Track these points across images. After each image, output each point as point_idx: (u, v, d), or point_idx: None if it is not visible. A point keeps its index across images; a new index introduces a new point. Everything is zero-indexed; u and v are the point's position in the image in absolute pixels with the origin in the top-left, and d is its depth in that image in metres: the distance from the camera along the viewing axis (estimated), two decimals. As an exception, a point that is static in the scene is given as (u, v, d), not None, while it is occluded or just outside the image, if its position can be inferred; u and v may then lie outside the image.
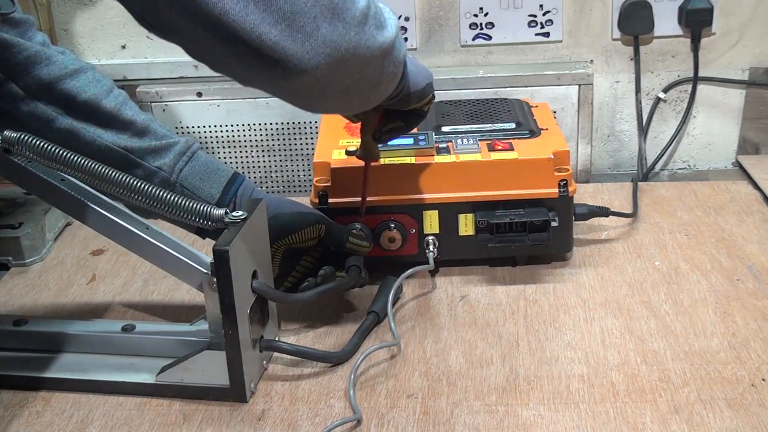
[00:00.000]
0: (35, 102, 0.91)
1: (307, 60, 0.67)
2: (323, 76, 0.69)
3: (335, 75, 0.70)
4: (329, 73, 0.69)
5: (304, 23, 0.65)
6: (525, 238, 1.05)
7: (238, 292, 0.84)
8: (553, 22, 1.35)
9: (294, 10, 0.65)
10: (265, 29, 0.64)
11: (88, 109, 0.92)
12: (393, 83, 0.82)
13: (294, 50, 0.66)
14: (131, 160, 0.93)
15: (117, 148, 0.92)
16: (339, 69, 0.70)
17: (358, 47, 0.70)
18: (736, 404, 0.84)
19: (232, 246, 0.82)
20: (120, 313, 1.05)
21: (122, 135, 0.93)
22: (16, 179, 0.90)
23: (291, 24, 0.65)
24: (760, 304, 1.00)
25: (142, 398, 0.89)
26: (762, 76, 1.36)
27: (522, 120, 1.14)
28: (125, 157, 0.93)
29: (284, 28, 0.65)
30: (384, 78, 0.79)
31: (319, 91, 0.72)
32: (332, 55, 0.68)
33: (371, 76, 0.76)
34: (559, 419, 0.83)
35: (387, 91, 0.83)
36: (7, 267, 1.17)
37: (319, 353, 0.93)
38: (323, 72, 0.69)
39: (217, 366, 0.87)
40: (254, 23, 0.64)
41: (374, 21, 0.73)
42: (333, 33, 0.67)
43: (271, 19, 0.64)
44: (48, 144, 0.83)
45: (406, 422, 0.84)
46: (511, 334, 0.97)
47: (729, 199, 1.25)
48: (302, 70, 0.67)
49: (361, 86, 0.76)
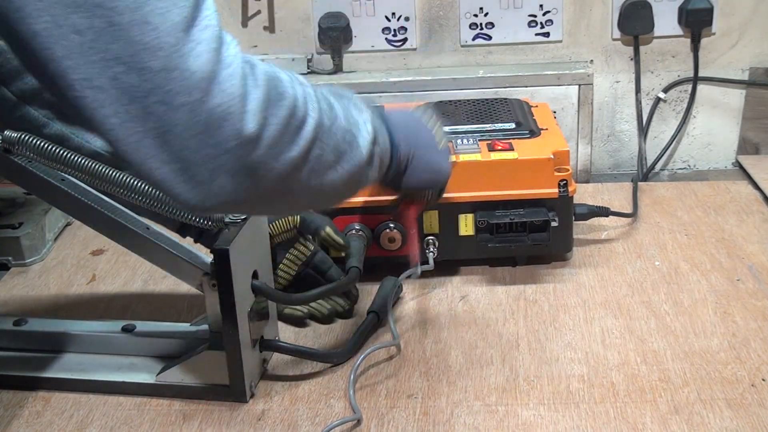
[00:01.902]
0: (26, 107, 0.91)
1: (195, 202, 0.61)
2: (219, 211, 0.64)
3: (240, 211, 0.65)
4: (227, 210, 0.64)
5: (198, 172, 0.59)
6: (525, 238, 1.05)
7: (239, 291, 0.84)
8: (553, 22, 1.35)
9: (191, 159, 0.59)
10: (155, 165, 0.59)
11: None
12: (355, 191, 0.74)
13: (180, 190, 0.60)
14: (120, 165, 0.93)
15: (105, 153, 0.92)
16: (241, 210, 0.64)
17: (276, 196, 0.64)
18: (736, 404, 0.84)
19: (232, 246, 0.82)
20: (120, 313, 1.05)
21: None
22: (16, 179, 0.90)
23: (184, 169, 0.59)
24: (760, 304, 1.00)
25: (142, 398, 0.89)
26: (762, 76, 1.36)
27: (522, 120, 1.14)
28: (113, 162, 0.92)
29: (176, 169, 0.59)
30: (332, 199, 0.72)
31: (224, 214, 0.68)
32: (228, 203, 0.61)
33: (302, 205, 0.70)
34: (559, 419, 0.83)
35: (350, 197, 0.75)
36: (7, 267, 1.17)
37: (319, 353, 0.93)
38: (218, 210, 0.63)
39: (217, 366, 0.87)
40: (144, 156, 0.58)
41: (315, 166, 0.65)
42: (235, 187, 0.60)
43: (164, 157, 0.58)
44: (48, 144, 0.84)
45: (406, 422, 0.84)
46: (511, 334, 0.97)
47: (729, 199, 1.25)
48: (189, 207, 0.62)
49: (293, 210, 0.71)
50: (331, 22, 1.36)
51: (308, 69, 1.39)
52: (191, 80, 0.56)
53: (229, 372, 0.87)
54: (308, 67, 1.39)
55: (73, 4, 0.53)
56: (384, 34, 1.37)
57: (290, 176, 0.63)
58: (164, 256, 0.89)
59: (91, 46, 0.54)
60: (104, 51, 0.55)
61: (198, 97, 0.57)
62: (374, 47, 1.38)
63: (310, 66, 1.39)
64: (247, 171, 0.60)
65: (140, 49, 0.55)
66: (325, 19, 1.36)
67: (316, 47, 1.39)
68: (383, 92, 1.35)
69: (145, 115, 0.57)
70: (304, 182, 0.65)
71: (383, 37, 1.38)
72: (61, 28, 0.54)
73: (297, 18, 1.38)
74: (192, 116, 0.57)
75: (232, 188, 0.61)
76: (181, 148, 0.58)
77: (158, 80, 0.56)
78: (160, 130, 0.57)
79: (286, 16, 1.38)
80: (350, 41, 1.38)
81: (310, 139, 0.64)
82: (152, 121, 0.57)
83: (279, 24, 1.38)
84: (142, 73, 0.55)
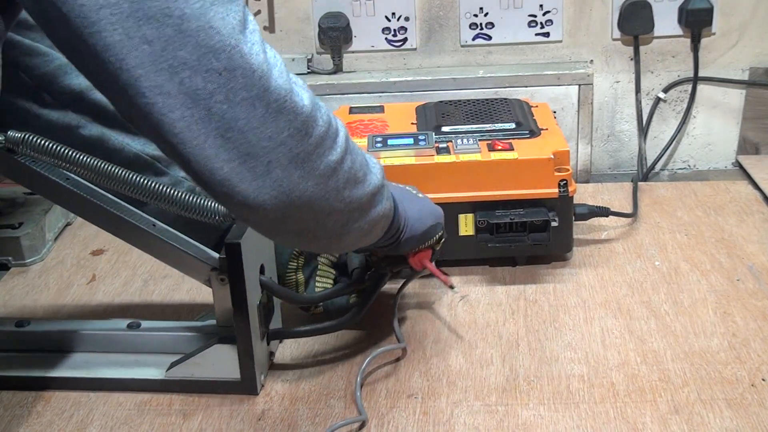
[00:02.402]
0: (65, 109, 0.92)
1: (253, 198, 0.65)
2: (270, 215, 0.67)
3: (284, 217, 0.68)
4: (277, 213, 0.67)
5: (256, 164, 0.64)
6: (525, 238, 1.05)
7: (249, 285, 0.85)
8: (553, 22, 1.35)
9: (251, 152, 0.63)
10: (218, 165, 0.63)
11: (117, 117, 0.93)
12: (369, 237, 0.79)
13: (241, 188, 0.64)
14: (158, 168, 0.95)
15: (145, 156, 0.94)
16: (289, 213, 0.68)
17: (315, 198, 0.68)
18: (736, 404, 0.84)
19: (243, 239, 0.82)
20: (120, 312, 1.05)
21: (149, 144, 0.95)
22: (20, 179, 0.91)
23: (244, 162, 0.63)
24: (760, 304, 1.00)
25: (142, 399, 0.89)
26: (762, 76, 1.36)
27: (522, 120, 1.14)
28: (152, 165, 0.94)
29: (236, 166, 0.63)
30: (351, 232, 0.76)
31: (269, 228, 0.71)
32: (280, 199, 0.66)
33: (333, 228, 0.73)
34: (559, 419, 0.83)
35: (359, 244, 0.80)
36: (7, 267, 1.17)
37: (330, 324, 0.93)
38: (269, 211, 0.67)
39: (227, 360, 0.87)
40: (208, 157, 0.63)
41: (347, 175, 0.70)
42: (285, 179, 0.65)
43: (226, 156, 0.63)
44: (51, 142, 0.84)
45: (406, 422, 0.84)
46: (511, 334, 0.97)
47: (729, 199, 1.25)
48: (247, 205, 0.66)
49: (320, 234, 0.73)
50: (331, 22, 1.36)
51: (308, 69, 1.39)
52: (251, 78, 0.61)
53: (240, 365, 0.87)
54: (308, 67, 1.39)
55: (144, 17, 0.57)
56: (384, 34, 1.37)
57: (329, 177, 0.68)
58: (171, 252, 0.89)
59: (160, 54, 0.58)
60: (172, 58, 0.58)
61: (256, 93, 0.62)
62: (374, 47, 1.38)
63: (310, 66, 1.39)
64: (296, 163, 0.65)
65: (205, 52, 0.59)
66: (325, 19, 1.36)
67: (316, 47, 1.39)
68: (383, 92, 1.35)
69: (209, 116, 0.61)
70: (339, 188, 0.70)
71: (383, 37, 1.38)
72: (133, 40, 0.57)
73: (297, 18, 1.38)
74: (251, 111, 0.62)
75: (283, 180, 0.65)
76: (242, 143, 0.63)
77: (222, 80, 0.60)
78: (222, 128, 0.62)
79: (286, 16, 1.38)
80: (350, 41, 1.38)
81: (343, 147, 0.70)
82: (215, 121, 0.61)
83: (279, 24, 1.38)
84: (206, 75, 0.60)
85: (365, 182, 0.74)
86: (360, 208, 0.74)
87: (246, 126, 0.62)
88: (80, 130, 0.92)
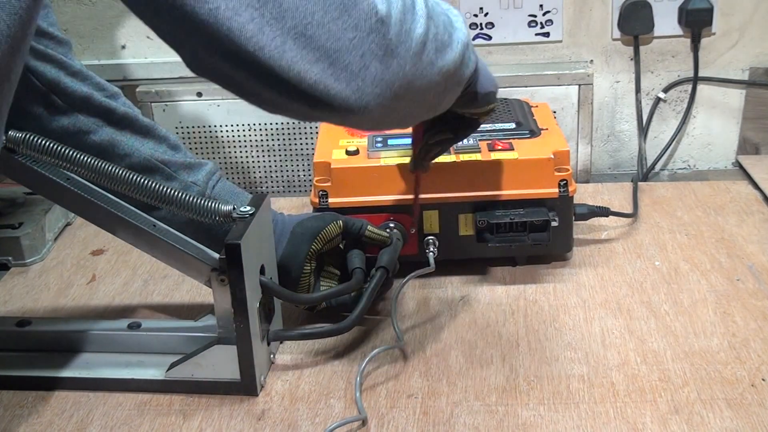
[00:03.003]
0: (76, 114, 0.91)
1: (354, 100, 0.61)
2: (374, 114, 0.63)
3: (388, 111, 0.64)
4: (381, 111, 0.63)
5: (350, 61, 0.59)
6: (525, 238, 1.05)
7: (249, 285, 0.85)
8: (553, 22, 1.35)
9: (338, 47, 0.59)
10: (305, 67, 0.58)
11: (126, 121, 0.93)
12: (455, 95, 0.75)
13: (338, 90, 0.60)
14: (167, 173, 0.94)
15: (155, 161, 0.93)
16: (392, 105, 0.64)
17: (414, 80, 0.64)
18: (736, 404, 0.84)
19: (243, 240, 0.83)
20: (120, 312, 1.05)
21: (159, 148, 0.94)
22: (21, 179, 0.91)
23: (334, 62, 0.59)
24: (760, 304, 1.00)
25: (141, 399, 0.89)
26: (762, 76, 1.36)
27: (522, 120, 1.14)
28: (162, 170, 0.93)
29: (327, 66, 0.59)
30: (446, 98, 0.73)
31: (372, 125, 0.67)
32: (383, 95, 0.62)
33: (430, 101, 0.70)
34: (559, 419, 0.83)
35: (448, 105, 0.76)
36: (7, 267, 1.17)
37: (329, 328, 0.93)
38: (373, 111, 0.62)
39: (227, 360, 0.88)
40: (292, 60, 0.58)
41: (435, 44, 0.66)
42: (385, 71, 0.61)
43: (311, 56, 0.58)
44: (52, 142, 0.84)
45: (406, 422, 0.84)
46: (511, 334, 0.97)
47: (729, 199, 1.25)
48: (348, 109, 0.61)
49: (418, 112, 0.70)
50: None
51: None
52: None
53: (240, 366, 0.87)
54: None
55: None
56: (384, 34, 1.37)
57: (421, 53, 0.64)
58: (171, 253, 0.89)
59: None
60: None
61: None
62: (374, 47, 1.38)
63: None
64: (390, 51, 0.61)
65: None
66: (325, 19, 1.36)
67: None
68: (383, 92, 1.35)
69: (281, 13, 0.57)
70: (432, 60, 0.65)
71: (383, 37, 1.37)
72: None
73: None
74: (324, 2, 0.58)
75: (383, 73, 0.61)
76: (326, 39, 0.58)
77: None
78: (299, 26, 0.58)
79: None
80: (350, 41, 1.38)
81: (424, 13, 0.64)
82: (289, 19, 0.57)
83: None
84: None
85: (453, 43, 0.69)
86: (455, 72, 0.70)
87: (324, 19, 0.58)
88: (91, 135, 0.91)
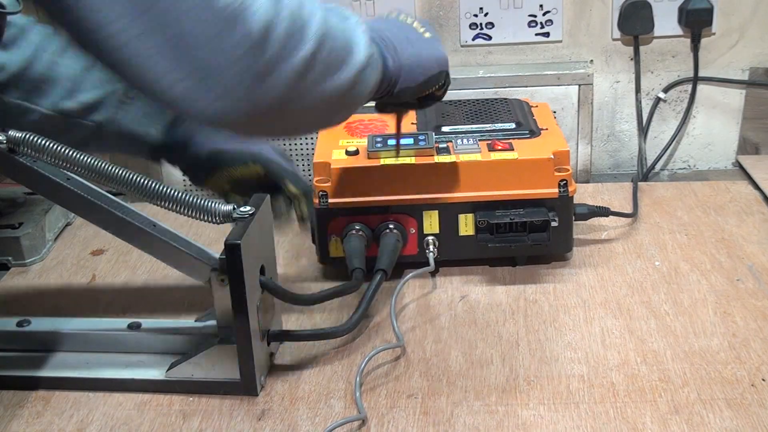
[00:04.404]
0: None
1: (221, 115, 0.61)
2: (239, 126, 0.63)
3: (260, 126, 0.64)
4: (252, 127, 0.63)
5: (222, 78, 0.59)
6: (525, 238, 1.05)
7: (249, 285, 0.85)
8: (553, 22, 1.35)
9: (211, 65, 0.58)
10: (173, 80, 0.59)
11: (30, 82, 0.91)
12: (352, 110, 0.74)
13: (204, 105, 0.60)
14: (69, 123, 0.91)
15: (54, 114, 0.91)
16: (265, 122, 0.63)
17: (293, 99, 0.63)
18: (736, 404, 0.84)
19: (243, 240, 0.83)
20: (121, 312, 1.05)
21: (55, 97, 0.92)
22: (20, 179, 0.91)
23: (205, 77, 0.59)
24: (760, 304, 1.00)
25: (141, 399, 0.89)
26: (762, 76, 1.36)
27: (522, 120, 1.14)
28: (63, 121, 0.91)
29: (197, 81, 0.59)
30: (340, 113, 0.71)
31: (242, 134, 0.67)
32: (254, 113, 0.61)
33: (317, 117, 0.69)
34: (559, 419, 0.83)
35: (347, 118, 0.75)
36: (7, 267, 1.17)
37: (328, 330, 0.93)
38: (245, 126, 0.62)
39: (227, 360, 0.88)
40: (161, 73, 0.58)
41: (324, 66, 0.64)
42: (257, 90, 0.60)
43: (183, 71, 0.58)
44: (53, 142, 0.84)
45: (406, 422, 0.84)
46: (511, 334, 0.97)
47: (729, 199, 1.25)
48: (219, 123, 0.61)
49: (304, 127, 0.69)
50: (331, 22, 1.36)
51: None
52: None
53: (240, 366, 0.87)
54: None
55: None
56: (384, 34, 1.37)
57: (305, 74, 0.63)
58: (171, 253, 0.89)
59: None
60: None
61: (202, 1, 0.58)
62: (374, 47, 1.38)
63: (310, 66, 1.39)
64: (267, 71, 0.60)
65: None
66: (325, 19, 1.36)
67: (316, 47, 1.39)
68: (383, 92, 1.35)
69: (161, 25, 0.57)
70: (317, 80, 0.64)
71: (383, 37, 1.37)
72: None
73: (297, 18, 1.38)
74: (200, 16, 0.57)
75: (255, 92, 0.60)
76: (202, 55, 0.58)
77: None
78: (173, 40, 0.58)
79: (286, 16, 1.38)
80: (350, 41, 1.38)
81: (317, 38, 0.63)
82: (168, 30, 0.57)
83: (279, 24, 1.38)
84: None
85: (348, 64, 0.67)
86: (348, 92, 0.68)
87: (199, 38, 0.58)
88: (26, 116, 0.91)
